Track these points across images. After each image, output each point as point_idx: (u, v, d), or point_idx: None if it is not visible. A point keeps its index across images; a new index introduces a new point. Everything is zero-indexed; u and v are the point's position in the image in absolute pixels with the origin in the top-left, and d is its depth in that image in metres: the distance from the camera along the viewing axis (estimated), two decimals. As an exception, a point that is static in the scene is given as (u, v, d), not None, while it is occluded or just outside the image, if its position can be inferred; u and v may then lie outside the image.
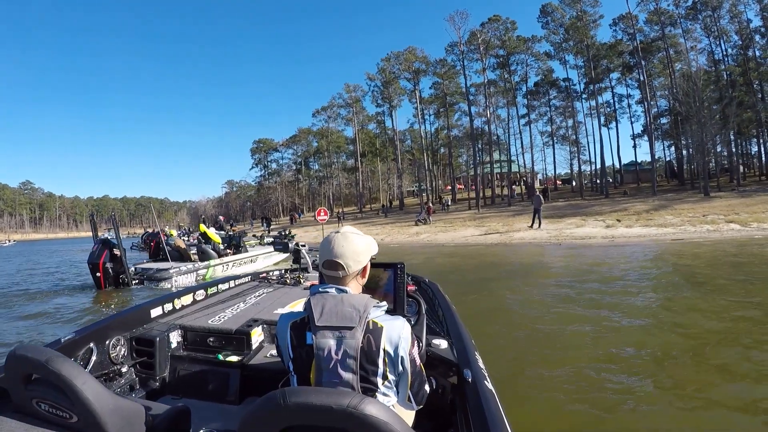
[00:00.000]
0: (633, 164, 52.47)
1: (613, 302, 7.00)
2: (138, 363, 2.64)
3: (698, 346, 4.83)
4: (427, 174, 56.36)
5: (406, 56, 52.94)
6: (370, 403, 1.03)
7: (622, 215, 24.17)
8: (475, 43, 47.10)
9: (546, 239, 18.96)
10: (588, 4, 42.06)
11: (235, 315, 3.14)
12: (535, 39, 48.21)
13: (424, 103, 56.87)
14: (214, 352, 2.72)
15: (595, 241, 17.37)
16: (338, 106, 66.39)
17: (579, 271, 10.49)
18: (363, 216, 53.04)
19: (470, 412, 1.55)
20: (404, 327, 1.48)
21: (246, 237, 18.46)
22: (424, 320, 2.22)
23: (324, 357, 1.38)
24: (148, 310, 2.97)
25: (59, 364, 1.32)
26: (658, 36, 41.29)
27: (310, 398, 1.04)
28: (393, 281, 2.16)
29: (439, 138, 63.38)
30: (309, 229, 36.95)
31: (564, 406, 3.55)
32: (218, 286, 4.02)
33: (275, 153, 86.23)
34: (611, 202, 33.21)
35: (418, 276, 4.11)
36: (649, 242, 16.27)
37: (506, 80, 50.19)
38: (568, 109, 50.42)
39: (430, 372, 1.99)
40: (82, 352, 2.32)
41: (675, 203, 27.49)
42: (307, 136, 76.13)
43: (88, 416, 1.31)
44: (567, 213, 28.18)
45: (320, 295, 1.48)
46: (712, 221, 18.89)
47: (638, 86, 46.74)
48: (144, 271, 11.16)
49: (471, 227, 26.90)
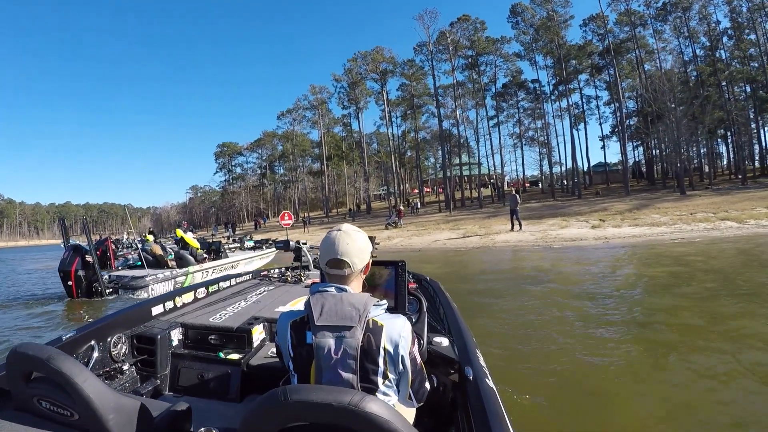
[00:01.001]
0: (601, 165, 52.08)
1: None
2: (139, 361, 2.60)
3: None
4: (395, 177, 54.37)
5: (374, 56, 51.12)
6: (372, 401, 1.01)
7: (604, 215, 22.87)
8: (444, 43, 45.75)
9: (533, 241, 17.17)
10: (559, 4, 41.28)
11: (236, 313, 3.08)
12: (504, 40, 47.31)
13: (391, 105, 55.11)
14: (215, 350, 2.66)
15: (588, 243, 15.70)
16: (304, 108, 63.90)
17: (611, 281, 8.85)
18: (330, 220, 50.84)
19: (471, 409, 1.52)
20: (405, 326, 1.46)
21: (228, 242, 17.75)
22: (426, 318, 2.17)
23: (324, 356, 1.35)
24: (149, 308, 2.95)
25: (60, 362, 1.30)
26: (628, 37, 40.77)
27: (312, 396, 1.03)
28: (394, 279, 2.18)
29: (406, 141, 61.68)
30: (273, 234, 34.59)
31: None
32: (219, 284, 3.98)
33: (240, 157, 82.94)
34: (586, 202, 32.24)
35: (419, 274, 3.98)
36: (647, 242, 14.74)
37: (475, 81, 48.89)
38: (537, 110, 49.52)
39: (432, 370, 2.00)
40: (84, 350, 2.32)
41: (654, 202, 26.59)
42: (272, 139, 73.47)
43: (89, 414, 1.28)
44: (545, 214, 26.75)
45: (320, 294, 1.45)
46: (705, 219, 17.63)
47: (606, 87, 46.31)
48: (119, 279, 10.35)
49: (446, 230, 25.07)
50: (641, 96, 41.12)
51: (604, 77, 45.38)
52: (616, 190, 39.92)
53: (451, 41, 45.60)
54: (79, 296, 9.81)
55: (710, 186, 32.91)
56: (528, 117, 51.38)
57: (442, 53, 47.01)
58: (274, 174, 78.16)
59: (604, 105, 48.92)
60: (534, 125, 51.26)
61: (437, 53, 47.19)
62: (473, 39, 46.33)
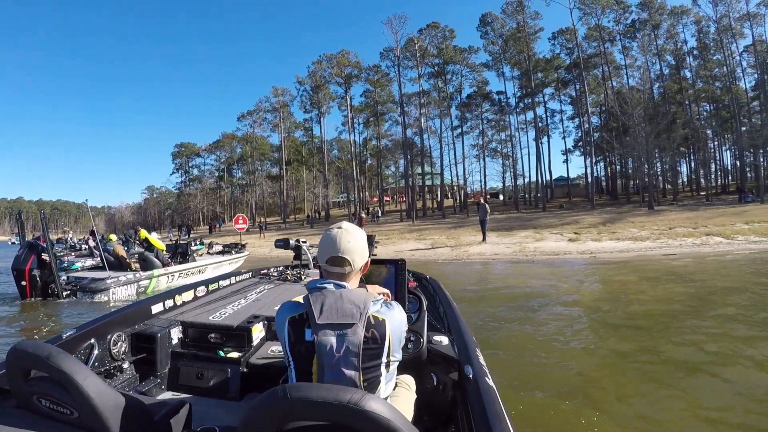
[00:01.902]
0: (563, 179, 51.74)
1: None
2: (139, 359, 2.58)
3: None
4: (355, 184, 52.21)
5: (339, 59, 49.11)
6: (372, 400, 1.00)
7: (577, 228, 21.52)
8: (412, 50, 44.23)
9: (510, 254, 15.45)
10: (529, 16, 40.50)
11: (235, 311, 3.06)
12: (472, 50, 46.23)
13: (354, 112, 53.10)
14: (214, 348, 2.64)
15: (573, 257, 14.14)
16: (265, 111, 61.07)
17: (649, 303, 7.26)
18: (287, 227, 48.16)
19: (471, 408, 1.51)
20: (401, 312, 1.50)
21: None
22: (425, 317, 2.19)
23: (326, 354, 1.33)
24: (149, 307, 2.92)
25: (60, 360, 1.28)
26: (596, 52, 40.39)
27: (312, 394, 1.02)
28: (394, 277, 2.22)
29: (367, 148, 59.73)
30: (227, 239, 32.00)
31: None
32: (219, 282, 3.94)
33: (197, 158, 78.69)
34: (553, 215, 31.22)
35: (418, 273, 3.89)
36: (639, 258, 13.31)
37: (440, 90, 47.50)
38: (501, 122, 48.61)
39: (432, 368, 2.09)
40: (83, 348, 2.30)
41: (625, 216, 25.75)
42: (231, 141, 69.96)
43: (89, 412, 1.27)
44: (513, 226, 25.29)
45: (318, 291, 1.43)
46: (690, 234, 16.49)
47: (570, 102, 45.90)
48: (77, 280, 9.67)
49: (411, 240, 23.16)
50: (606, 111, 41.01)
51: (569, 92, 45.05)
52: (579, 203, 39.32)
53: (419, 48, 44.19)
54: (34, 297, 9.13)
55: (675, 202, 32.52)
56: (492, 128, 50.33)
57: (409, 60, 45.53)
58: (231, 177, 74.54)
59: (568, 119, 48.66)
60: (498, 137, 50.24)
61: (404, 59, 45.69)
62: (441, 47, 45.01)
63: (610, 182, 47.43)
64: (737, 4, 34.99)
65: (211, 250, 16.58)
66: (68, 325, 6.27)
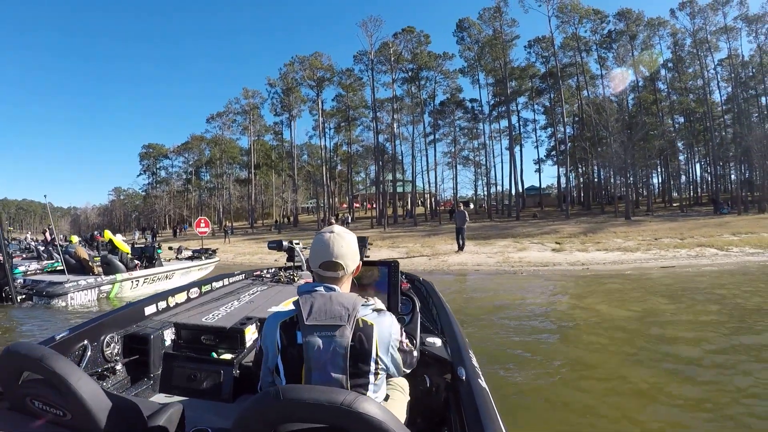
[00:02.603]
0: (534, 188, 51.17)
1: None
2: (132, 361, 2.56)
3: None
4: (325, 190, 50.31)
5: (312, 62, 47.29)
6: (365, 401, 1.00)
7: (556, 238, 20.24)
8: (386, 54, 42.83)
9: (494, 265, 13.96)
10: (506, 23, 39.63)
11: (229, 313, 2.99)
12: (447, 56, 45.09)
13: (325, 116, 51.27)
14: (207, 350, 2.56)
15: (563, 268, 12.75)
16: (235, 113, 58.49)
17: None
18: (254, 231, 45.86)
19: (464, 410, 1.49)
20: (393, 322, 1.45)
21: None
22: (419, 318, 2.10)
23: (313, 356, 1.31)
24: (142, 308, 2.91)
25: (53, 362, 1.27)
26: (571, 62, 39.79)
27: (305, 395, 1.02)
28: (387, 279, 2.19)
29: (338, 154, 57.98)
30: (192, 243, 29.89)
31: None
32: (212, 284, 3.91)
33: (165, 160, 75.07)
34: (529, 224, 30.04)
35: (412, 274, 3.93)
36: (636, 269, 12.04)
37: (413, 96, 46.18)
38: (474, 130, 47.66)
39: (425, 370, 2.02)
40: (76, 350, 2.29)
41: (604, 226, 24.69)
42: (200, 143, 66.89)
43: (82, 414, 1.25)
44: (490, 234, 23.91)
45: (309, 294, 1.42)
46: (680, 245, 15.38)
47: (544, 111, 45.33)
48: (34, 284, 9.12)
49: (384, 247, 21.39)
50: (579, 121, 40.52)
51: (543, 101, 44.46)
52: (552, 213, 38.52)
53: (393, 52, 42.87)
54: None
55: (649, 212, 31.97)
56: (464, 136, 49.23)
57: (383, 64, 44.16)
58: (200, 180, 71.39)
59: (541, 129, 48.07)
60: (470, 145, 49.16)
61: (378, 64, 44.29)
62: (416, 52, 43.75)
63: (582, 192, 46.99)
64: (714, 17, 35.00)
65: (180, 255, 15.43)
66: (22, 333, 6.40)
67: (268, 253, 22.31)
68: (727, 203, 31.49)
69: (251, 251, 24.37)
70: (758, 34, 35.26)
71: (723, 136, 36.34)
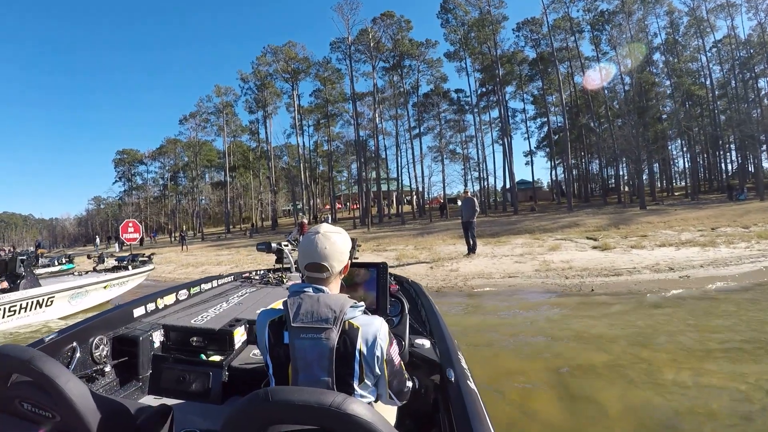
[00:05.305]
0: (525, 182, 47.37)
1: None
2: (121, 362, 2.44)
3: None
4: (305, 191, 45.57)
5: (286, 51, 42.63)
6: (354, 402, 0.98)
7: (583, 232, 16.32)
8: (365, 42, 38.38)
9: (533, 274, 9.59)
10: (493, 5, 35.69)
11: (218, 315, 2.90)
12: (430, 43, 40.98)
13: (303, 113, 46.62)
14: (196, 351, 2.51)
15: (647, 278, 8.44)
16: (208, 113, 53.22)
17: None
18: (229, 237, 41.01)
19: (453, 411, 1.45)
20: (381, 327, 1.35)
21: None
22: (407, 320, 2.09)
23: (299, 357, 1.28)
24: (130, 310, 2.81)
25: (42, 364, 1.25)
26: (562, 46, 35.89)
27: (294, 397, 1.00)
28: (375, 281, 2.06)
29: (318, 153, 53.29)
30: (165, 251, 25.35)
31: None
32: (201, 285, 3.75)
33: (141, 166, 69.83)
34: (533, 218, 26.52)
35: (400, 276, 3.76)
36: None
37: (396, 86, 41.87)
38: (461, 122, 43.60)
39: (414, 372, 1.89)
40: (65, 352, 2.19)
41: (630, 216, 21.26)
42: (176, 147, 61.48)
43: (71, 416, 1.24)
44: (498, 231, 19.89)
45: (297, 295, 1.38)
46: (758, 235, 11.25)
47: (533, 101, 41.57)
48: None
49: (367, 251, 16.92)
50: (570, 109, 36.94)
51: (532, 90, 40.67)
52: (548, 206, 35.21)
53: (372, 38, 38.55)
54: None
55: (657, 201, 28.29)
56: (451, 129, 45.11)
57: (362, 53, 39.90)
58: (177, 185, 66.18)
59: (530, 119, 44.23)
60: (458, 138, 44.97)
61: (356, 52, 40.06)
62: (397, 38, 39.57)
63: (576, 184, 43.30)
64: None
65: (100, 265, 12.92)
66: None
67: (217, 264, 17.88)
68: (742, 189, 28.00)
69: (201, 261, 19.61)
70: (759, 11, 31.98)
71: (729, 115, 32.95)
